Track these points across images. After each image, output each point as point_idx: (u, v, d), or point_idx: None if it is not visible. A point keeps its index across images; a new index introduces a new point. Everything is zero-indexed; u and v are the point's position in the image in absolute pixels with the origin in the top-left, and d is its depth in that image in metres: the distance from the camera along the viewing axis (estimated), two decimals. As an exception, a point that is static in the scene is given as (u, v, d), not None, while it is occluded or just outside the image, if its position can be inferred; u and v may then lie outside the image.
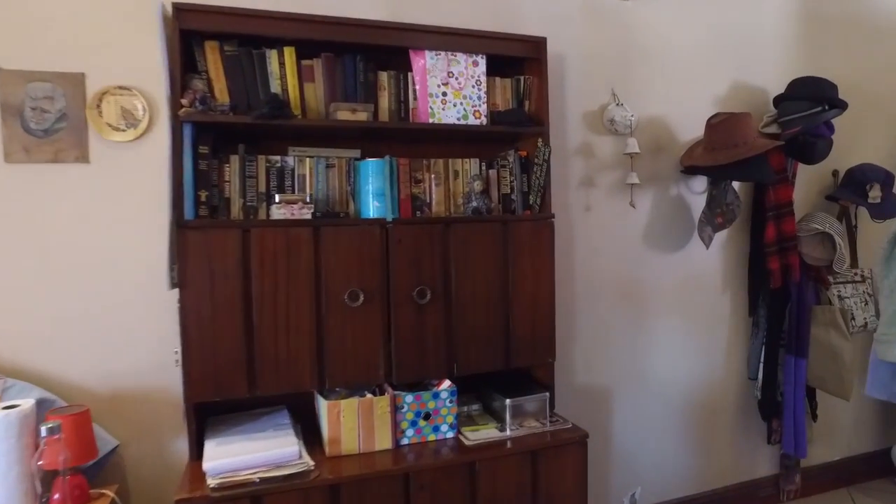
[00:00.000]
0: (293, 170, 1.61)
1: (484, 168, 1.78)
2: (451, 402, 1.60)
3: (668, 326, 2.27)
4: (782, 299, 2.36)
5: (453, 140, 1.80)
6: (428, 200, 1.71)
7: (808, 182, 2.50)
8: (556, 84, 2.00)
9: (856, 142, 2.61)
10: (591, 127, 2.09)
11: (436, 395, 1.59)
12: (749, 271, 2.40)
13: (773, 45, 2.44)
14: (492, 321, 1.65)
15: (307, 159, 1.62)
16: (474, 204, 1.70)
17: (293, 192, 1.60)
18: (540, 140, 1.72)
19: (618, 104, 2.10)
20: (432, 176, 1.71)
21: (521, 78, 1.80)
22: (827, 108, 2.23)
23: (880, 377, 1.55)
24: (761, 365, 2.39)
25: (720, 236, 2.34)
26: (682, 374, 2.31)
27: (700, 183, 2.30)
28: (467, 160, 1.75)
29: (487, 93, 1.74)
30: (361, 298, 1.51)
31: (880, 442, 2.85)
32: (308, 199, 1.53)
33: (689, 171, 2.18)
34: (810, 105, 2.24)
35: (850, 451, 2.77)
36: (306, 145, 1.66)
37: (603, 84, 2.11)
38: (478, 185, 1.71)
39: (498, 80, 1.79)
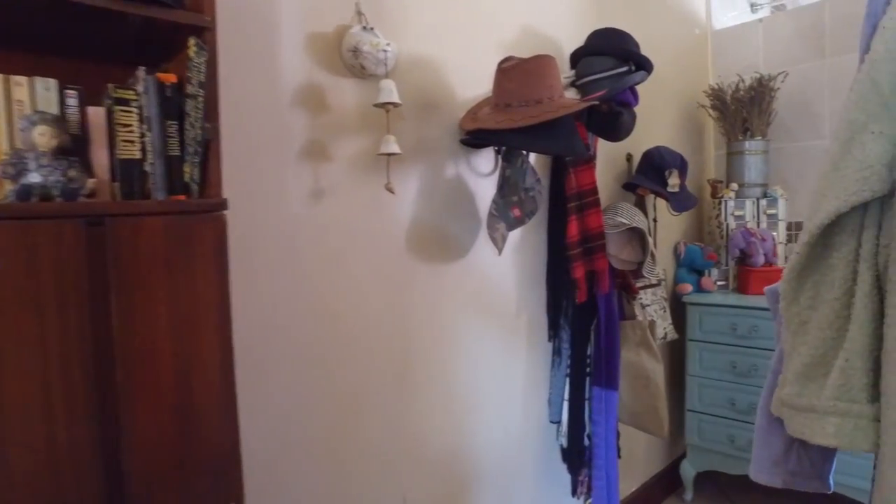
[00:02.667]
0: None
1: (74, 102, 0.82)
2: None
3: (442, 367, 1.55)
4: (587, 317, 1.81)
5: None
6: None
7: (601, 167, 2.01)
8: (253, -28, 1.13)
9: (646, 120, 2.21)
10: (321, 59, 1.25)
11: None
12: (547, 283, 1.81)
13: (566, -15, 1.88)
14: (40, 442, 0.70)
15: None
16: (32, 179, 0.73)
17: None
18: (193, 43, 0.81)
19: (366, 28, 1.29)
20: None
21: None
22: (634, 68, 1.72)
23: (771, 454, 0.98)
24: (565, 403, 1.82)
25: (515, 235, 1.70)
26: (466, 428, 1.62)
27: (487, 159, 1.62)
28: (24, 80, 0.78)
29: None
30: None
31: (667, 457, 2.56)
32: None
33: (474, 139, 1.48)
34: (616, 63, 1.71)
35: (646, 475, 2.42)
36: None
37: (341, -8, 1.29)
38: (45, 138, 0.75)
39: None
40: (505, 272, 1.69)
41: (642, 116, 1.91)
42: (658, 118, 2.36)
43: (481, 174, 1.60)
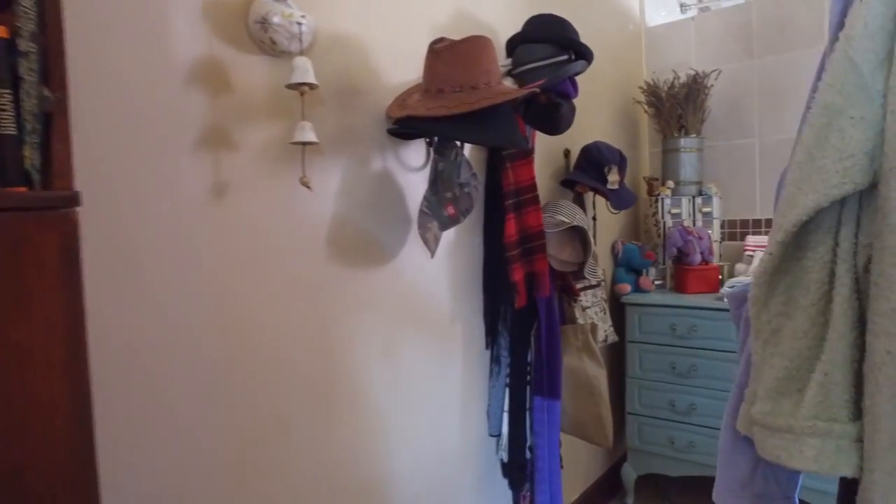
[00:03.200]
0: None
1: None
2: None
3: (370, 383, 1.38)
4: (527, 322, 1.70)
5: None
6: None
7: (538, 163, 1.90)
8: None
9: (582, 115, 2.13)
10: (223, 31, 1.06)
11: None
12: (484, 286, 1.69)
13: (501, -32, 1.76)
14: None
15: None
16: None
17: None
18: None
19: (276, -3, 1.11)
20: None
21: None
22: (573, 57, 1.62)
23: (737, 475, 0.89)
24: (505, 415, 1.70)
25: (449, 236, 1.56)
26: (397, 448, 1.46)
27: (418, 152, 1.47)
28: None
29: None
30: None
31: (607, 461, 2.50)
32: None
33: (403, 128, 1.32)
34: (554, 51, 1.60)
35: (587, 481, 2.34)
36: None
37: (246, -46, 1.10)
38: None
39: None
40: (438, 276, 1.55)
41: (578, 111, 1.82)
42: (594, 113, 2.29)
43: (412, 168, 1.45)
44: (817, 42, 2.29)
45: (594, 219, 2.05)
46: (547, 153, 1.98)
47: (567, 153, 2.07)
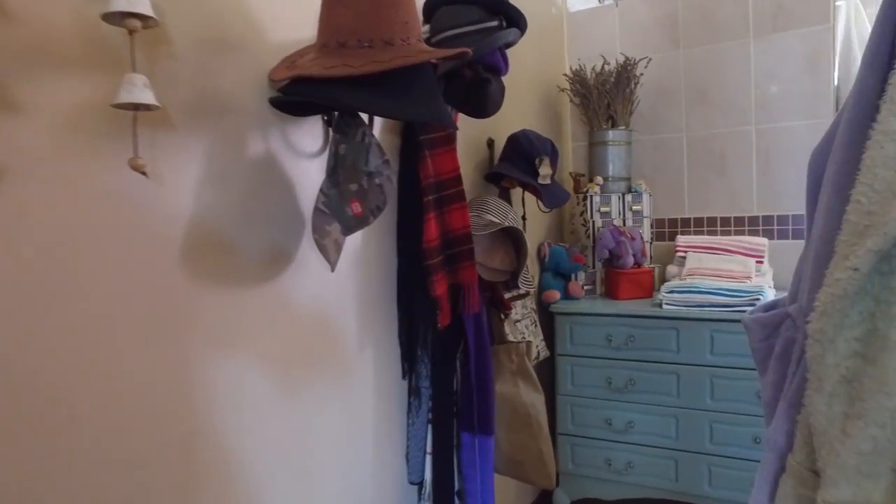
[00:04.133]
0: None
1: None
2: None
3: (248, 438, 1.03)
4: (452, 344, 1.41)
5: None
6: None
7: (458, 153, 1.62)
8: None
9: (504, 103, 1.88)
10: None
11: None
12: (399, 303, 1.37)
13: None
14: None
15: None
16: None
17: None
18: None
19: None
20: None
21: None
22: (504, 24, 1.35)
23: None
24: (428, 457, 1.40)
25: (355, 241, 1.24)
26: (304, 498, 1.12)
27: (313, 131, 1.13)
28: None
29: None
30: None
31: (537, 487, 2.27)
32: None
33: (290, 94, 0.98)
34: (483, 15, 1.32)
35: (515, 512, 2.10)
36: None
37: None
38: None
39: None
40: (341, 292, 1.22)
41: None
42: (516, 102, 2.04)
43: (304, 153, 1.11)
44: (743, 35, 2.18)
45: (524, 218, 1.80)
46: (468, 142, 1.71)
47: (491, 143, 1.81)
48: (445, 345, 1.40)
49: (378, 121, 1.28)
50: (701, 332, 1.81)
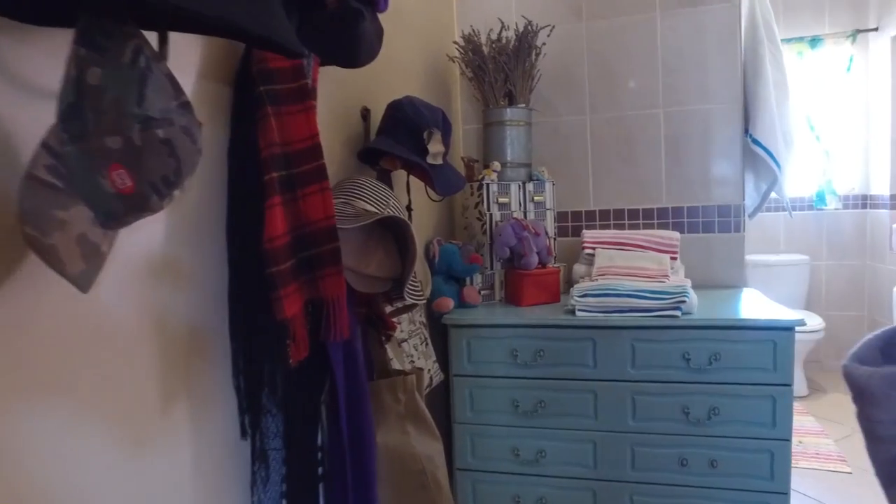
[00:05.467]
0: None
1: None
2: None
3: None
4: (313, 385, 0.99)
5: None
6: None
7: (322, 124, 1.22)
8: None
9: (384, 68, 1.50)
10: None
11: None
12: (232, 333, 0.93)
13: None
14: None
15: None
16: None
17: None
18: None
19: None
20: None
21: None
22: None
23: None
24: (281, 550, 0.97)
25: (150, 238, 0.78)
26: None
27: (48, 49, 0.67)
28: None
29: None
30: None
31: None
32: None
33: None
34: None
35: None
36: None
37: None
38: None
39: None
40: (131, 318, 0.76)
41: (380, 63, 1.19)
42: (398, 68, 1.67)
43: (39, 91, 0.65)
44: (649, 8, 1.97)
45: (409, 209, 1.43)
46: (335, 109, 1.30)
47: (366, 113, 1.41)
48: (303, 387, 0.99)
49: (192, 59, 0.84)
50: (621, 343, 1.54)
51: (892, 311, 3.08)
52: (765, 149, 1.89)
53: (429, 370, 1.45)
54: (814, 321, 3.09)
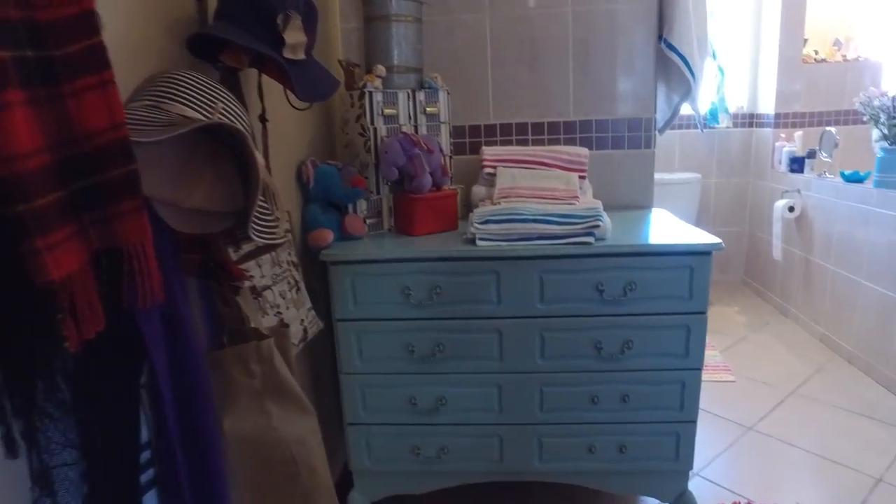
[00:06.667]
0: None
1: None
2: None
3: None
4: (118, 370, 0.70)
5: None
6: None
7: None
8: None
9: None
10: None
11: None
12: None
13: None
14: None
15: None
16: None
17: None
18: None
19: None
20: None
21: None
22: None
23: None
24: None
25: None
26: None
27: None
28: None
29: None
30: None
31: None
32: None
33: None
34: None
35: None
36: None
37: None
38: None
39: None
40: None
41: None
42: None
43: None
44: None
45: (263, 120, 1.10)
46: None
47: (198, -10, 1.04)
48: (109, 374, 0.69)
49: None
50: (528, 275, 1.35)
51: (770, 227, 3.19)
52: (680, 56, 1.71)
53: (302, 320, 1.18)
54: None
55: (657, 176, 1.83)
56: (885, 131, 2.27)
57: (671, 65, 1.76)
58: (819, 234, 2.84)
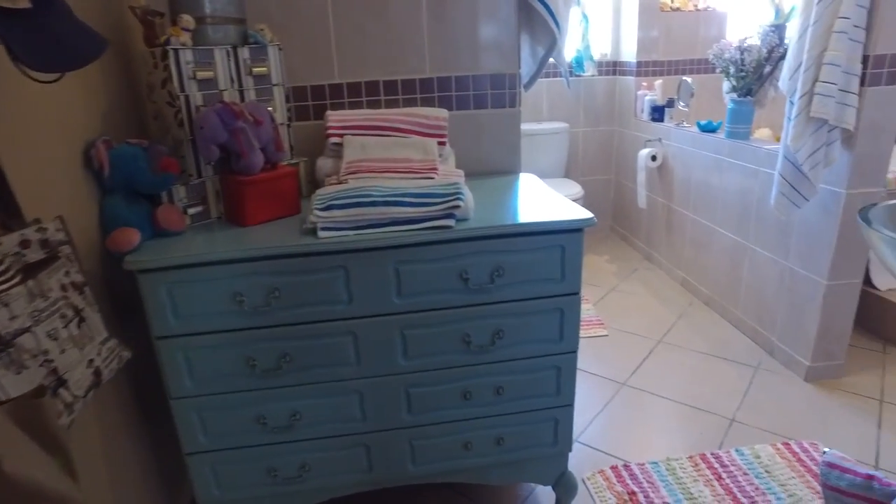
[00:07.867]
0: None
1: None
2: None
3: None
4: None
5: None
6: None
7: None
8: None
9: None
10: None
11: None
12: None
13: None
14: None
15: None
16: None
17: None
18: None
19: None
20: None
21: None
22: None
23: None
24: None
25: None
26: None
27: None
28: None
29: None
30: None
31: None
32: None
33: None
34: None
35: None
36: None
37: None
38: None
39: None
40: None
41: None
42: None
43: None
44: None
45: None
46: None
47: None
48: None
49: None
50: (381, 268, 1.16)
51: (635, 174, 3.24)
52: (544, 4, 1.56)
53: (91, 360, 0.91)
54: (573, 189, 3.11)
55: (525, 126, 1.71)
56: (735, 83, 2.31)
57: (535, 14, 1.61)
58: (679, 182, 2.92)
